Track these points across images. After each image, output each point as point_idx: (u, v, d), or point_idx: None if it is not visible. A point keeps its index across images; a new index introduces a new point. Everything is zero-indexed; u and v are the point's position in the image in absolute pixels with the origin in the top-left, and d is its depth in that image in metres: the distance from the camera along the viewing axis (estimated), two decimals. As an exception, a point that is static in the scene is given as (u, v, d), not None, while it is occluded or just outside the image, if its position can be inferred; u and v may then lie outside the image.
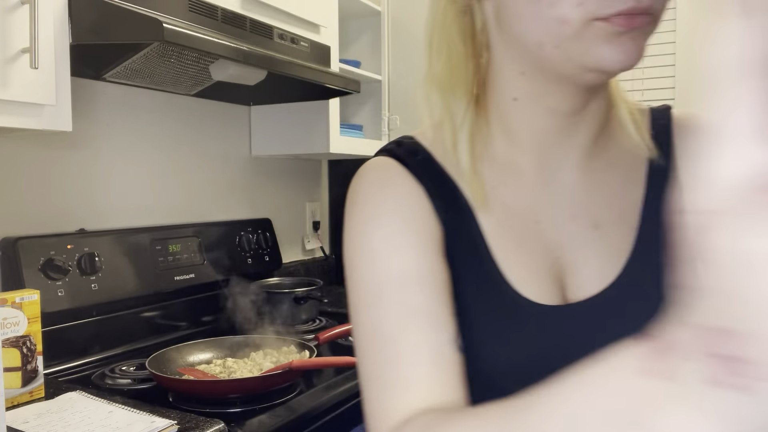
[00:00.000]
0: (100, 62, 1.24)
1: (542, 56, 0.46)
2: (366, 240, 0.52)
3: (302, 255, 2.15)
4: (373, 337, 0.49)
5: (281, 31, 1.41)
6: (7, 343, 0.98)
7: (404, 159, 0.55)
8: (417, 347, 0.47)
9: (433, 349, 0.47)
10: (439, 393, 0.45)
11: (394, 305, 0.49)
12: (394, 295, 0.49)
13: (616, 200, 0.55)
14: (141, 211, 1.52)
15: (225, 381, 1.04)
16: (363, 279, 0.52)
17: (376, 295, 0.50)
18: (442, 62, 0.57)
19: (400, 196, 0.53)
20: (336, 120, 1.77)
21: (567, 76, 0.47)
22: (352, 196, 0.55)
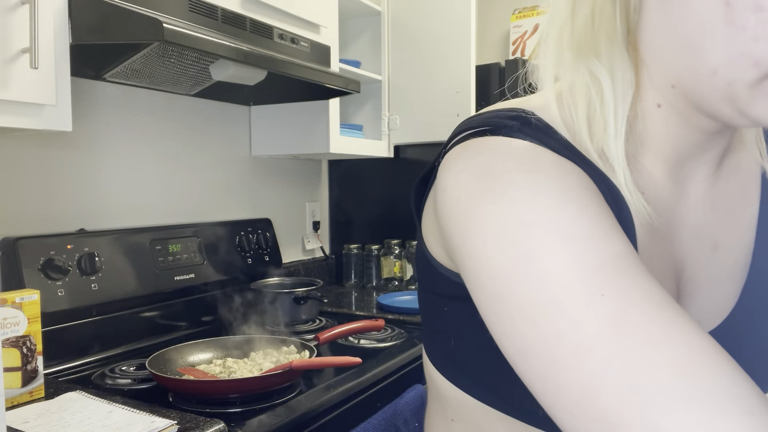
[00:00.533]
0: (100, 62, 1.24)
1: (708, 85, 0.39)
2: (555, 220, 0.36)
3: (302, 255, 2.15)
4: (601, 334, 0.32)
5: (281, 31, 1.41)
6: (7, 343, 0.98)
7: (554, 148, 0.42)
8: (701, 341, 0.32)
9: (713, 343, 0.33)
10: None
11: (634, 293, 0.34)
12: (628, 281, 0.34)
13: (733, 218, 0.50)
14: (141, 211, 1.52)
15: (225, 381, 1.04)
16: (562, 267, 0.35)
17: (599, 283, 0.34)
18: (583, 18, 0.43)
19: (578, 176, 0.40)
20: (336, 120, 1.77)
21: (715, 112, 0.40)
22: (495, 171, 0.39)
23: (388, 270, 2.11)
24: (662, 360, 0.31)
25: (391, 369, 1.31)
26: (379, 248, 2.14)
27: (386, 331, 1.53)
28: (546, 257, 0.35)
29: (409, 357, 1.38)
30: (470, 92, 1.95)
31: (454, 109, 1.97)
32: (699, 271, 0.48)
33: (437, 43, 1.99)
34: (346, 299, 1.95)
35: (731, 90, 0.37)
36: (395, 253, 2.10)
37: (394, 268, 2.10)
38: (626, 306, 0.33)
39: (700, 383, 0.30)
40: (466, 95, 1.95)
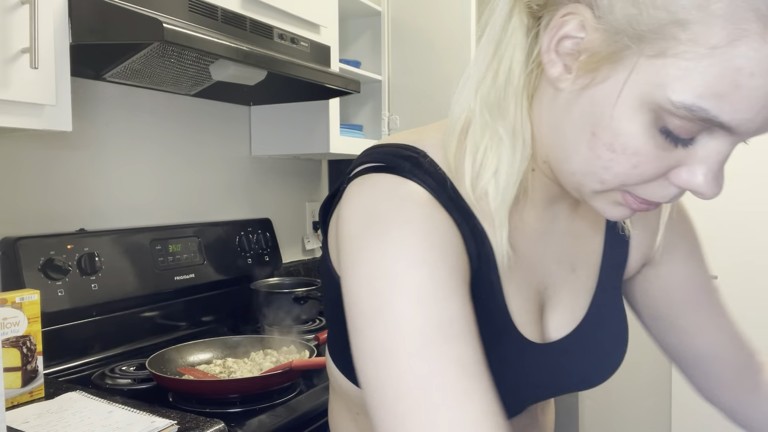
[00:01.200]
0: (100, 62, 1.24)
1: (566, 177, 0.49)
2: (409, 278, 0.44)
3: (302, 255, 2.15)
4: (413, 388, 0.42)
5: (281, 31, 1.41)
6: (7, 343, 0.98)
7: (435, 190, 0.49)
8: (476, 413, 0.42)
9: (488, 413, 0.42)
10: None
11: (447, 359, 0.42)
12: (444, 347, 0.43)
13: (586, 246, 0.62)
14: (141, 211, 1.52)
15: (225, 381, 1.04)
16: (403, 322, 0.43)
17: (423, 345, 0.43)
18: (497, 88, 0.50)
19: (442, 232, 0.47)
20: (336, 120, 1.77)
21: (568, 190, 0.51)
22: (379, 218, 0.47)
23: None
24: (442, 419, 0.41)
25: (391, 369, 1.31)
26: (379, 248, 2.14)
27: (386, 331, 1.53)
28: (393, 311, 0.44)
29: (409, 357, 1.38)
30: (470, 92, 1.95)
31: (454, 109, 1.97)
32: (560, 289, 0.59)
33: (437, 43, 1.99)
34: (346, 299, 1.95)
35: (581, 188, 0.48)
36: (395, 253, 2.10)
37: (394, 268, 2.10)
38: (436, 368, 0.42)
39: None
40: (466, 95, 1.95)
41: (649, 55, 0.40)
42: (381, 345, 0.44)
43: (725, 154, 0.42)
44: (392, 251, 0.45)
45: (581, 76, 0.44)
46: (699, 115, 0.39)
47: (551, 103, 0.48)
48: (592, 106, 0.44)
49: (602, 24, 0.41)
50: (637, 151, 0.42)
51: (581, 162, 0.46)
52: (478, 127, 0.51)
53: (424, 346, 0.43)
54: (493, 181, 0.50)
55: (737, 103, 0.38)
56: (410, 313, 0.44)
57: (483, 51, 0.50)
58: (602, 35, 0.42)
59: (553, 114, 0.48)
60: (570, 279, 0.60)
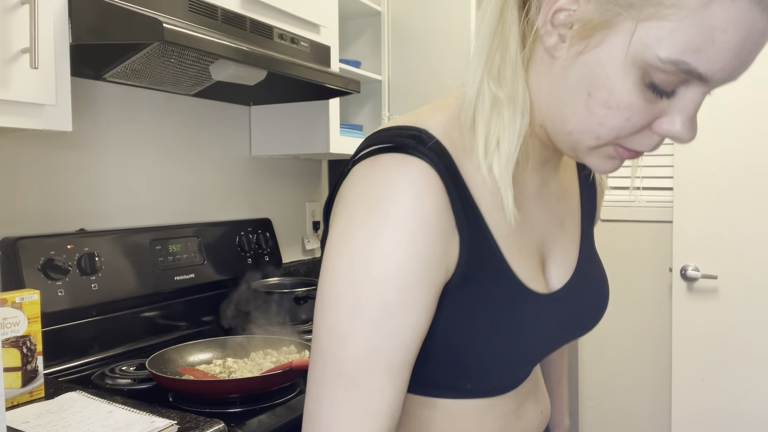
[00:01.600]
0: (100, 62, 1.24)
1: (563, 137, 0.55)
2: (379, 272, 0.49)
3: (302, 255, 2.15)
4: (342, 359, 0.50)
5: (281, 31, 1.41)
6: (7, 343, 0.98)
7: (437, 165, 0.52)
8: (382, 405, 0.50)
9: (388, 409, 0.50)
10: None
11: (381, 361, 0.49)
12: (387, 348, 0.50)
13: (569, 202, 0.69)
14: (141, 211, 1.52)
15: (225, 381, 1.04)
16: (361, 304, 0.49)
17: (372, 332, 0.49)
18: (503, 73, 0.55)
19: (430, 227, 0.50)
20: (336, 120, 1.77)
21: (563, 150, 0.57)
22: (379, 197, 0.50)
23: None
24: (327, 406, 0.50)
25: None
26: (379, 248, 2.14)
27: (386, 331, 1.53)
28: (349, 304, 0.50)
29: (409, 357, 1.38)
30: (470, 92, 1.95)
31: (454, 109, 1.97)
32: (554, 244, 0.65)
33: (437, 43, 1.99)
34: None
35: (576, 146, 0.54)
36: (395, 253, 2.10)
37: (394, 268, 2.10)
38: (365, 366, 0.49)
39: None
40: (466, 95, 1.95)
41: (638, 19, 0.46)
42: (335, 304, 0.50)
43: (698, 102, 0.49)
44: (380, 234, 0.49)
45: (575, 44, 0.49)
46: (682, 68, 0.46)
47: (548, 71, 0.53)
48: (587, 69, 0.49)
49: (586, 8, 0.48)
50: (629, 105, 0.48)
51: (578, 121, 0.51)
52: (486, 99, 0.54)
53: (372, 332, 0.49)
54: (498, 147, 0.54)
55: (713, 56, 0.45)
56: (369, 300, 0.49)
57: (483, 28, 0.54)
58: (594, 5, 0.47)
59: (550, 81, 0.53)
60: (560, 234, 0.67)
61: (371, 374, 0.49)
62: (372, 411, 0.49)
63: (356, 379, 0.49)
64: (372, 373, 0.49)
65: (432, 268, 0.51)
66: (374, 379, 0.49)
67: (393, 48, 2.08)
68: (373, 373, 0.49)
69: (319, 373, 0.51)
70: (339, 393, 0.49)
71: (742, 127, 1.98)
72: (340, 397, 0.49)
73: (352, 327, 0.49)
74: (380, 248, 0.49)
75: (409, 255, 0.49)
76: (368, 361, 0.49)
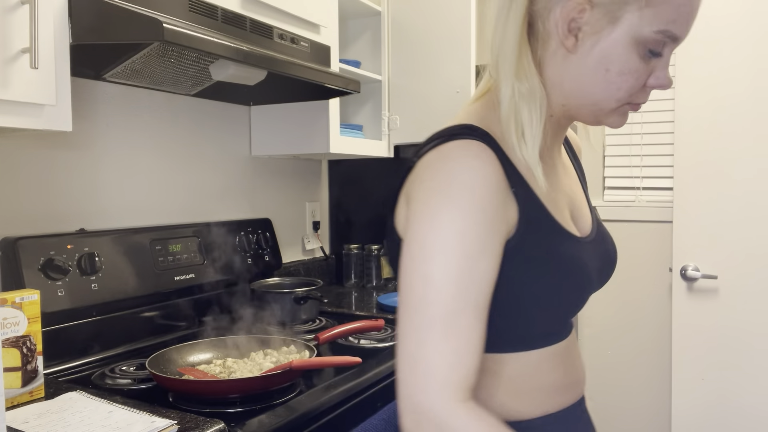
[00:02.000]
0: (100, 62, 1.24)
1: (587, 108, 0.71)
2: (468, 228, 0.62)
3: (302, 255, 2.15)
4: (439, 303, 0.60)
5: (281, 31, 1.41)
6: (7, 343, 0.98)
7: (489, 145, 0.67)
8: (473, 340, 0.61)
9: (478, 344, 0.62)
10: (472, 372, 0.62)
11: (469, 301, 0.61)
12: (473, 290, 0.62)
13: (571, 173, 0.86)
14: (141, 211, 1.52)
15: (225, 381, 1.04)
16: (449, 255, 0.61)
17: (460, 277, 0.61)
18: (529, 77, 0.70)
19: (494, 190, 0.64)
20: (336, 120, 1.77)
21: (584, 120, 0.74)
22: (463, 174, 0.63)
23: (388, 270, 2.11)
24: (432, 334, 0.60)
25: (391, 369, 1.31)
26: (379, 248, 2.14)
27: (386, 331, 1.53)
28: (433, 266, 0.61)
29: (409, 357, 1.38)
30: (470, 92, 1.95)
31: (454, 109, 1.97)
32: (574, 201, 0.81)
33: (437, 43, 2.00)
34: (346, 299, 1.95)
35: (599, 112, 0.71)
36: (395, 253, 2.10)
37: (394, 268, 2.10)
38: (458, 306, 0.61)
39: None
40: (466, 95, 1.95)
41: (633, 10, 0.65)
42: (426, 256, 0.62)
43: (669, 57, 0.69)
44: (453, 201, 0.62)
45: (588, 39, 0.67)
46: (667, 35, 0.65)
47: (564, 64, 0.69)
48: (603, 53, 0.67)
49: (597, 3, 0.65)
50: (637, 69, 0.67)
51: (600, 92, 0.69)
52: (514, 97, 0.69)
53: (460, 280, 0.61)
54: (524, 134, 0.68)
55: (681, 21, 0.65)
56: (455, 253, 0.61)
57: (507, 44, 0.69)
58: (600, 10, 0.66)
59: (569, 70, 0.69)
60: (575, 194, 0.82)
61: (463, 314, 0.60)
62: (465, 345, 0.60)
63: (451, 319, 0.60)
64: (463, 313, 0.60)
65: (497, 222, 0.64)
66: (465, 318, 0.60)
67: (393, 48, 2.08)
68: (464, 313, 0.60)
69: (418, 318, 0.60)
70: (438, 333, 0.60)
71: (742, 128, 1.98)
72: (438, 336, 0.59)
73: (445, 275, 0.60)
74: (459, 208, 0.62)
75: (481, 212, 0.62)
76: (460, 302, 0.60)
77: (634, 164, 2.28)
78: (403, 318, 0.62)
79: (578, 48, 0.67)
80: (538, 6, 0.68)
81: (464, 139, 0.65)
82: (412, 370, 0.59)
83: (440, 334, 0.59)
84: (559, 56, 0.69)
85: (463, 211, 0.61)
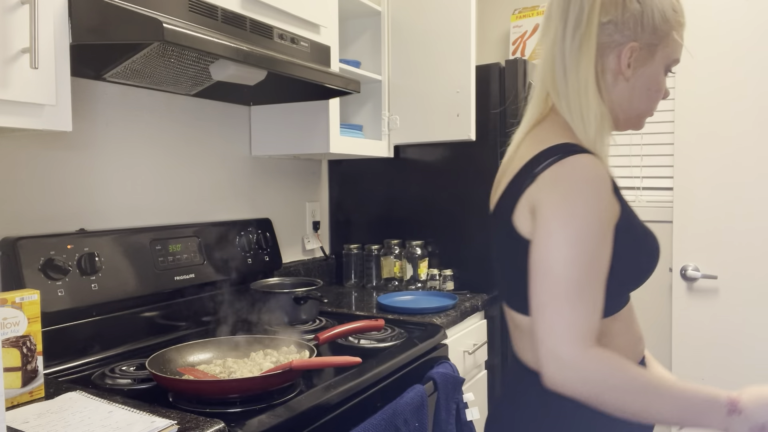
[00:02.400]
0: (100, 62, 1.24)
1: (633, 119, 0.97)
2: (596, 219, 0.80)
3: (302, 255, 2.15)
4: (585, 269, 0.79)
5: (281, 31, 1.41)
6: (7, 343, 0.98)
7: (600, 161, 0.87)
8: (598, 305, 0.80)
9: (600, 307, 0.81)
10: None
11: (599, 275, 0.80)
12: (598, 267, 0.80)
13: None
14: (141, 211, 1.52)
15: (225, 381, 1.04)
16: (585, 240, 0.79)
17: (592, 257, 0.79)
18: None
19: (610, 190, 0.83)
20: (336, 120, 1.77)
21: (629, 127, 0.99)
22: (589, 177, 0.82)
23: (388, 270, 2.11)
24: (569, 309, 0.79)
25: (391, 369, 1.31)
26: (379, 248, 2.14)
27: (386, 331, 1.53)
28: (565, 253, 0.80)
29: (408, 357, 1.38)
30: (470, 92, 1.95)
31: (454, 109, 1.97)
32: None
33: (437, 43, 2.00)
34: (346, 299, 1.95)
35: (640, 120, 0.98)
36: (395, 253, 2.10)
37: (394, 268, 2.10)
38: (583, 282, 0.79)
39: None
40: (466, 95, 1.95)
41: (664, 45, 0.92)
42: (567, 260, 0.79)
43: None
44: (591, 199, 0.81)
45: (637, 69, 0.92)
46: (677, 59, 0.94)
47: (617, 87, 0.92)
48: (646, 78, 0.92)
49: (642, 45, 0.90)
50: (664, 85, 0.95)
51: (644, 106, 0.94)
52: (597, 117, 0.89)
53: (592, 258, 0.79)
54: (602, 147, 0.89)
55: (679, 51, 0.94)
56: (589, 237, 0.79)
57: (581, 79, 0.89)
58: (644, 49, 0.91)
59: (621, 92, 0.93)
60: None
61: (592, 285, 0.79)
62: (593, 308, 0.78)
63: (584, 289, 0.78)
64: (592, 285, 0.79)
65: (612, 215, 0.83)
66: (593, 289, 0.79)
67: (393, 48, 2.08)
68: (593, 285, 0.79)
69: (558, 290, 0.78)
70: (574, 299, 0.77)
71: (742, 128, 1.98)
72: (575, 302, 0.77)
73: (580, 256, 0.78)
74: (590, 207, 0.80)
75: (604, 208, 0.81)
76: (591, 276, 0.79)
77: (634, 164, 2.28)
78: (541, 291, 0.79)
79: (628, 75, 0.91)
80: (599, 47, 0.91)
81: (581, 153, 0.84)
82: (554, 329, 0.77)
83: (576, 300, 0.77)
84: (618, 83, 0.92)
85: (593, 209, 0.80)
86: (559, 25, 0.90)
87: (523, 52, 2.57)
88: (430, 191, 2.11)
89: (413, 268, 2.08)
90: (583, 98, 0.89)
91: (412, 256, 2.08)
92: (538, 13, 2.54)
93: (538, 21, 2.54)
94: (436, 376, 1.39)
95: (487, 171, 2.00)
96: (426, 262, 2.09)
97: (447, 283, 2.02)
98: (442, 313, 1.72)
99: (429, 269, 2.07)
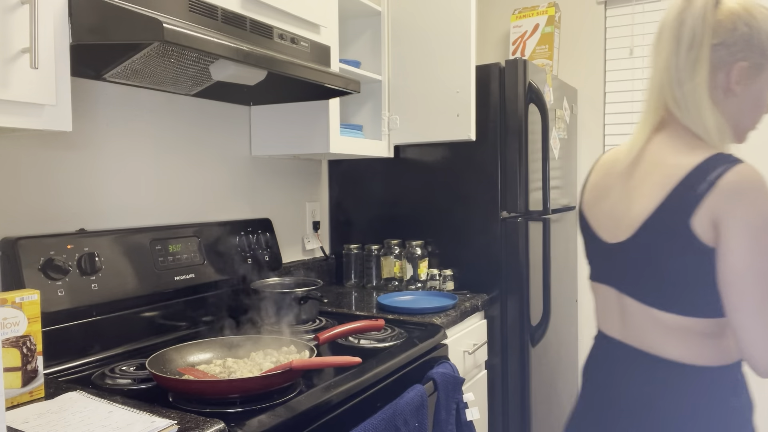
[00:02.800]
0: (100, 62, 1.24)
1: (740, 132, 1.03)
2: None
3: (302, 255, 2.15)
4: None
5: (281, 31, 1.41)
6: (7, 343, 0.98)
7: None
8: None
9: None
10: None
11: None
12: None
13: None
14: (141, 211, 1.52)
15: (225, 381, 1.04)
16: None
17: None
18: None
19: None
20: (336, 120, 1.77)
21: (737, 138, 1.04)
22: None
23: (388, 270, 2.11)
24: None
25: (391, 369, 1.31)
26: (379, 248, 2.14)
27: (386, 331, 1.53)
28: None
29: (408, 357, 1.38)
30: (470, 92, 1.95)
31: (454, 109, 1.97)
32: None
33: (437, 43, 2.00)
34: (346, 299, 1.95)
35: (745, 133, 1.04)
36: (395, 253, 2.10)
37: (394, 268, 2.10)
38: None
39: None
40: (466, 95, 1.96)
41: (766, 65, 0.98)
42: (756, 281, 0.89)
43: None
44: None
45: (745, 85, 0.99)
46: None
47: (727, 102, 0.99)
48: (753, 94, 0.99)
49: (750, 63, 0.97)
50: (766, 100, 1.02)
51: (750, 120, 1.02)
52: (718, 129, 0.97)
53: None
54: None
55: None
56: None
57: (700, 95, 0.98)
58: (752, 67, 0.98)
59: (731, 106, 1.00)
60: None
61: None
62: None
63: None
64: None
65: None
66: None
67: (393, 48, 2.08)
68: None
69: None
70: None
71: (742, 127, 1.98)
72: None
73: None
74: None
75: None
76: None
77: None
78: (759, 295, 0.88)
79: (737, 91, 0.98)
80: (710, 66, 0.98)
81: (742, 161, 0.92)
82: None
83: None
84: (728, 98, 1.00)
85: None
86: (672, 45, 0.98)
87: (523, 52, 2.57)
88: (430, 191, 2.11)
89: (413, 268, 2.08)
90: (702, 111, 0.97)
91: (412, 256, 2.08)
92: (538, 13, 2.54)
93: (538, 21, 2.54)
94: (436, 376, 1.39)
95: (487, 171, 2.00)
96: (426, 262, 2.09)
97: (447, 283, 2.02)
98: (442, 313, 1.72)
99: (429, 269, 2.07)
